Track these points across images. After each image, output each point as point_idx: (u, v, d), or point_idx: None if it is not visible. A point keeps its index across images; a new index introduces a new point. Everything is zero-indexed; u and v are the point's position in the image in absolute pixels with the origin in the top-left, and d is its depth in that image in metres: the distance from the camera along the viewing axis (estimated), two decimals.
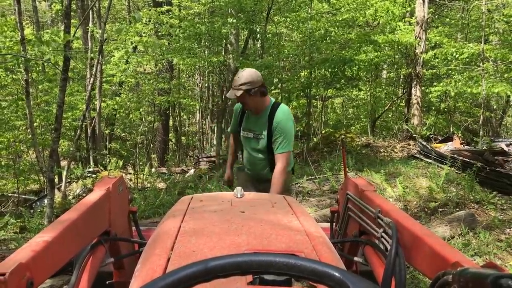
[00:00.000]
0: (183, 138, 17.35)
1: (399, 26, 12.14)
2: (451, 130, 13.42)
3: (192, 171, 10.87)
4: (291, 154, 3.44)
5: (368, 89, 14.76)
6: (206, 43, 12.46)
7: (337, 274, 0.76)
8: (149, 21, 11.32)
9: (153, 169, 11.04)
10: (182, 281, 0.75)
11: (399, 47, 12.53)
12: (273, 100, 3.64)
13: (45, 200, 7.75)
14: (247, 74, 3.45)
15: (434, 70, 13.50)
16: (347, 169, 3.09)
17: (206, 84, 16.69)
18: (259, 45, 14.59)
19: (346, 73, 10.88)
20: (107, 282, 2.15)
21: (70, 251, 1.51)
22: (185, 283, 0.75)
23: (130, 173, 10.00)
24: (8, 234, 5.94)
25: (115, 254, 2.04)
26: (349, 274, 0.77)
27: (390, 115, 15.38)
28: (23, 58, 6.74)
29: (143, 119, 13.18)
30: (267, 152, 3.58)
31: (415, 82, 12.26)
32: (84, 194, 8.33)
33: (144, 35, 10.90)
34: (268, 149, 3.57)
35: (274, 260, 0.79)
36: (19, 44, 7.95)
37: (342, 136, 11.25)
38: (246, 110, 3.65)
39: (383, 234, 1.73)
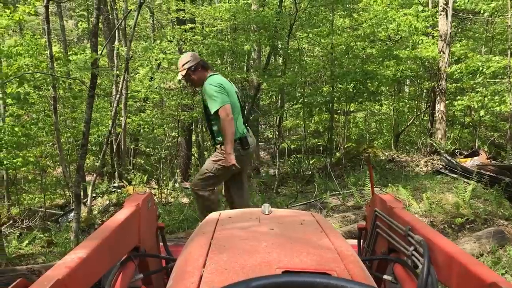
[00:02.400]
0: (205, 153, 17.43)
1: (422, 40, 12.08)
2: (477, 144, 13.19)
3: None
4: (225, 107, 3.81)
5: (391, 103, 14.66)
6: (229, 59, 12.57)
7: None
8: (173, 38, 11.50)
9: (176, 184, 11.12)
10: None
11: (422, 61, 12.44)
12: (214, 73, 4.10)
13: (70, 215, 7.87)
14: (185, 55, 4.05)
15: (458, 84, 13.34)
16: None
17: None
18: (281, 61, 14.68)
19: (368, 87, 10.84)
20: None
21: (102, 267, 1.53)
22: None
23: (154, 188, 10.09)
24: (35, 248, 6.03)
25: (143, 270, 2.06)
26: None
27: (413, 130, 15.21)
28: (51, 76, 6.92)
29: (167, 134, 13.32)
30: (206, 120, 4.15)
31: (438, 97, 12.13)
32: (111, 209, 8.43)
33: (168, 52, 11.06)
34: (206, 117, 4.11)
35: (314, 281, 0.79)
36: (46, 61, 8.17)
37: (368, 151, 11.17)
38: (195, 87, 4.27)
39: (414, 252, 1.71)
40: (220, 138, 4.02)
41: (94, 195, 8.98)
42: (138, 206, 1.97)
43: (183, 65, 4.00)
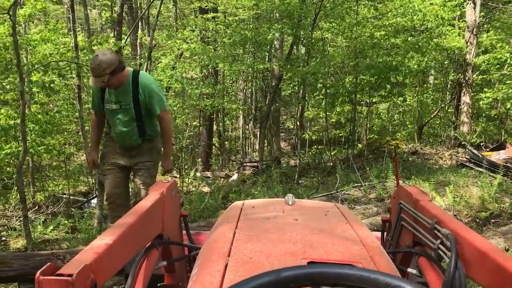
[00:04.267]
0: (226, 143, 17.49)
1: (448, 31, 11.82)
2: (503, 137, 12.92)
3: (235, 176, 10.94)
4: (168, 109, 3.90)
5: (415, 94, 14.44)
6: (252, 48, 12.52)
7: None
8: (196, 27, 11.51)
9: (197, 173, 11.18)
10: None
11: (448, 52, 12.19)
12: (131, 69, 3.79)
13: (94, 202, 7.99)
14: (105, 58, 3.50)
15: (485, 76, 13.05)
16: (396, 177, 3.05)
17: (250, 90, 16.79)
18: (303, 51, 14.54)
19: (391, 79, 10.69)
20: (158, 285, 2.18)
21: (128, 253, 1.54)
22: None
23: (176, 177, 10.17)
24: (60, 234, 6.15)
25: (166, 257, 2.07)
26: None
27: (437, 122, 14.97)
28: (75, 64, 6.99)
29: (189, 123, 13.38)
30: (136, 120, 3.80)
31: (464, 88, 11.89)
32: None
33: (190, 41, 11.08)
34: (136, 117, 3.79)
35: (348, 272, 0.78)
36: (71, 50, 8.27)
37: (391, 143, 11.04)
38: (110, 88, 3.76)
39: (440, 246, 1.68)
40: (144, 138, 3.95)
41: None
42: (162, 194, 1.97)
43: (104, 70, 3.49)
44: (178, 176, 10.19)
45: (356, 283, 0.78)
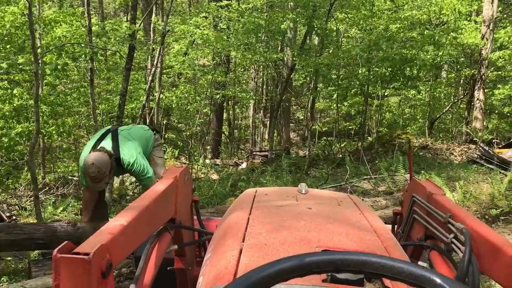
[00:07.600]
0: (235, 131, 17.49)
1: (465, 25, 11.66)
2: None
3: (244, 164, 10.96)
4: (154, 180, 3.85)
5: (427, 89, 14.31)
6: (265, 37, 12.45)
7: (438, 280, 0.73)
8: (209, 14, 11.45)
9: (207, 160, 11.21)
10: (279, 274, 0.74)
11: (463, 47, 12.03)
12: (108, 150, 3.71)
13: None
14: (100, 163, 3.55)
15: (499, 72, 12.89)
16: (406, 170, 3.03)
17: (261, 79, 16.72)
18: (316, 41, 14.42)
19: (406, 72, 10.58)
20: (168, 268, 2.19)
21: (142, 235, 1.54)
22: (281, 276, 0.75)
23: (185, 163, 10.20)
24: (69, 215, 6.21)
25: (177, 241, 2.08)
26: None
27: (449, 117, 14.85)
28: (88, 48, 7.00)
29: (199, 111, 13.39)
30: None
31: (478, 84, 11.75)
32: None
33: (203, 28, 11.03)
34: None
35: (369, 260, 0.77)
36: (84, 35, 8.27)
37: (406, 137, 10.99)
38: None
39: (454, 240, 1.67)
40: None
41: None
42: (176, 179, 1.97)
43: (104, 173, 3.60)
44: (187, 162, 10.22)
45: (378, 271, 0.77)
